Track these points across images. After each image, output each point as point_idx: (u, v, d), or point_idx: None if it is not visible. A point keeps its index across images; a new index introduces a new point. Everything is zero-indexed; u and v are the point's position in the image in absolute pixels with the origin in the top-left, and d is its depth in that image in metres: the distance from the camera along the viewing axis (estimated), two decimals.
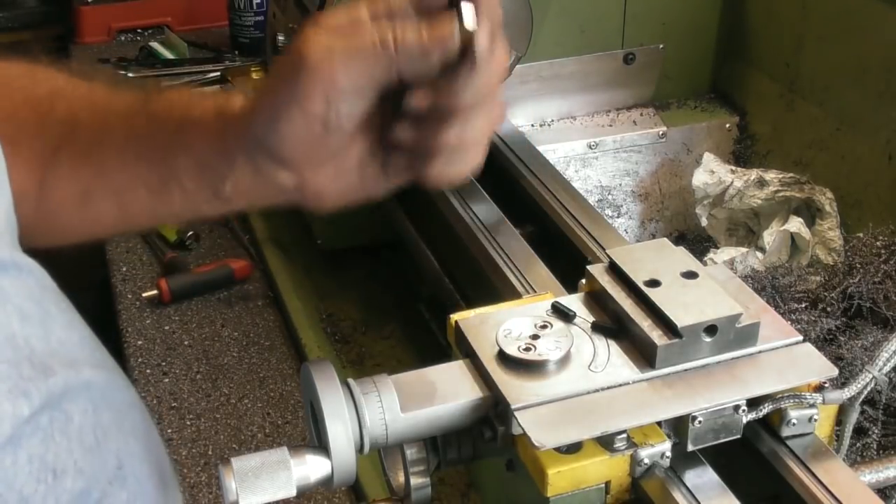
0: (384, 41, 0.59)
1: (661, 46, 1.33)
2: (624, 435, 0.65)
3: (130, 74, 1.94)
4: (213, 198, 0.71)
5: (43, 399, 0.54)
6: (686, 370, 0.67)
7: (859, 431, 0.85)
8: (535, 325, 0.70)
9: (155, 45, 2.06)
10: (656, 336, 0.67)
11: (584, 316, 0.72)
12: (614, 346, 0.69)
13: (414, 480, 0.69)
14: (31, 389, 0.53)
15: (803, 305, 1.00)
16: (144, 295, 1.31)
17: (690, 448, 0.66)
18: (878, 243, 1.03)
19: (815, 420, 0.68)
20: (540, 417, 0.64)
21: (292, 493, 0.64)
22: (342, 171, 0.68)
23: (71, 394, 0.57)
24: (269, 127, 0.65)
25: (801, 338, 0.70)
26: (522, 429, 0.63)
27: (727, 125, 1.38)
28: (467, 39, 0.60)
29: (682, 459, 0.67)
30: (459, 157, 0.65)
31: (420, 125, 0.64)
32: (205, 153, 0.69)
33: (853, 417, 0.77)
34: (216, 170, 0.69)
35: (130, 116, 0.74)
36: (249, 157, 0.67)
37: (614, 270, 0.73)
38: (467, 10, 0.59)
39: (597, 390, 0.66)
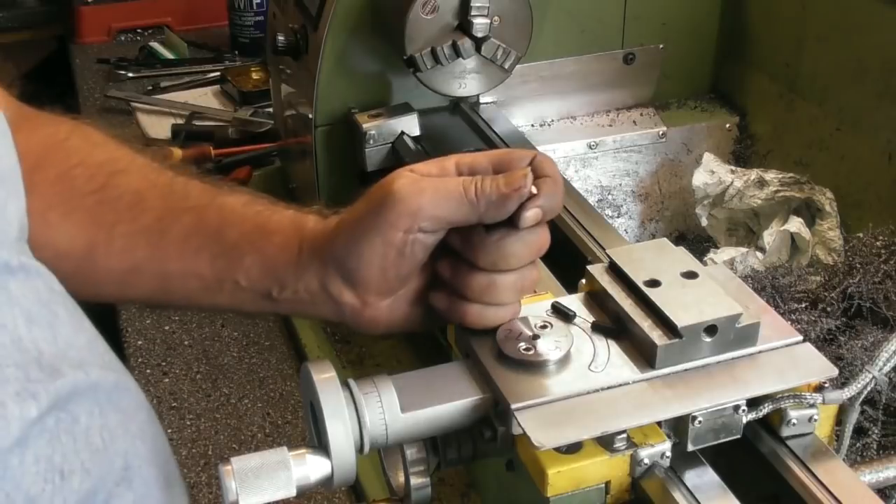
0: (467, 188, 0.67)
1: (661, 46, 1.33)
2: (624, 435, 0.65)
3: (130, 74, 1.95)
4: (263, 300, 0.75)
5: (51, 400, 0.54)
6: (686, 370, 0.67)
7: (859, 431, 0.85)
8: (535, 325, 0.70)
9: (155, 45, 2.06)
10: (656, 336, 0.67)
11: (584, 316, 0.72)
12: (614, 346, 0.69)
13: (414, 480, 0.69)
14: (39, 391, 0.54)
15: (803, 305, 1.00)
16: None
17: (690, 448, 0.66)
18: (878, 243, 1.03)
19: (815, 420, 0.68)
20: (540, 417, 0.64)
21: (292, 493, 0.64)
22: (400, 303, 0.73)
23: (78, 395, 0.57)
24: (350, 249, 0.69)
25: (801, 338, 0.70)
26: (522, 429, 0.63)
27: (727, 125, 1.38)
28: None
29: (682, 459, 0.67)
30: (493, 307, 0.70)
31: (456, 269, 0.70)
32: (275, 260, 0.73)
33: (853, 417, 0.77)
34: (280, 277, 0.73)
35: (201, 209, 0.75)
36: (320, 272, 0.71)
37: (614, 270, 0.73)
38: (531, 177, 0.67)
39: (597, 390, 0.66)
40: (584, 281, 0.76)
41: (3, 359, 0.53)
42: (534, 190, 0.67)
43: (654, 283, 0.70)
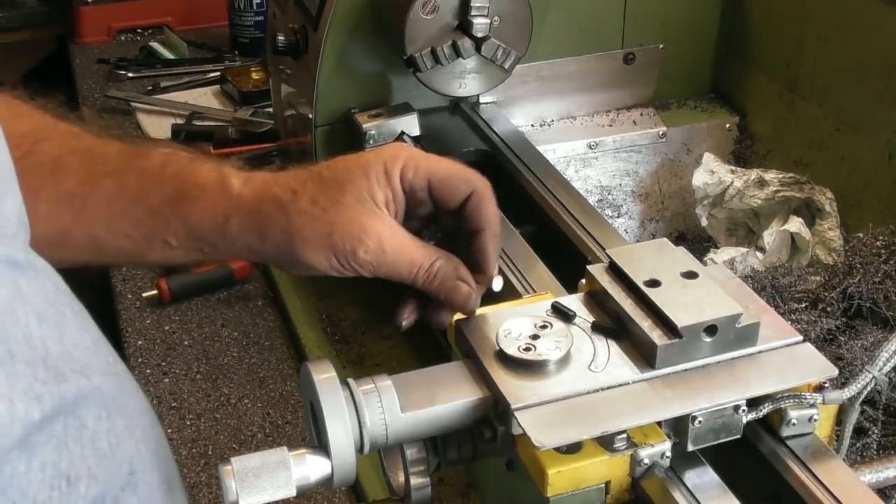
0: (419, 274, 0.72)
1: (661, 46, 1.33)
2: (624, 435, 0.65)
3: (130, 74, 1.94)
4: (196, 255, 0.77)
5: (55, 405, 0.54)
6: (686, 370, 0.67)
7: (859, 431, 0.85)
8: (535, 325, 0.70)
9: (155, 45, 2.06)
10: (656, 336, 0.67)
11: (584, 316, 0.72)
12: (614, 346, 0.69)
13: (414, 480, 0.69)
14: (43, 394, 0.53)
15: (803, 305, 1.00)
16: (144, 295, 1.31)
17: (690, 448, 0.66)
18: (878, 243, 1.03)
19: (815, 420, 0.68)
20: (540, 417, 0.64)
21: (292, 493, 0.64)
22: None
23: (84, 400, 0.57)
24: (296, 258, 0.72)
25: (801, 338, 0.70)
26: (522, 429, 0.63)
27: (727, 125, 1.38)
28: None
29: (682, 459, 0.67)
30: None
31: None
32: (200, 225, 0.74)
33: (853, 417, 0.77)
34: (208, 239, 0.74)
35: (120, 173, 0.76)
36: (256, 243, 0.73)
37: (614, 270, 0.73)
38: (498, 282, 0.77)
39: (597, 390, 0.66)
40: (584, 281, 0.76)
41: (17, 353, 0.53)
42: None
43: (654, 283, 0.70)
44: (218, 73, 1.91)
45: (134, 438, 0.61)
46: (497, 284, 0.77)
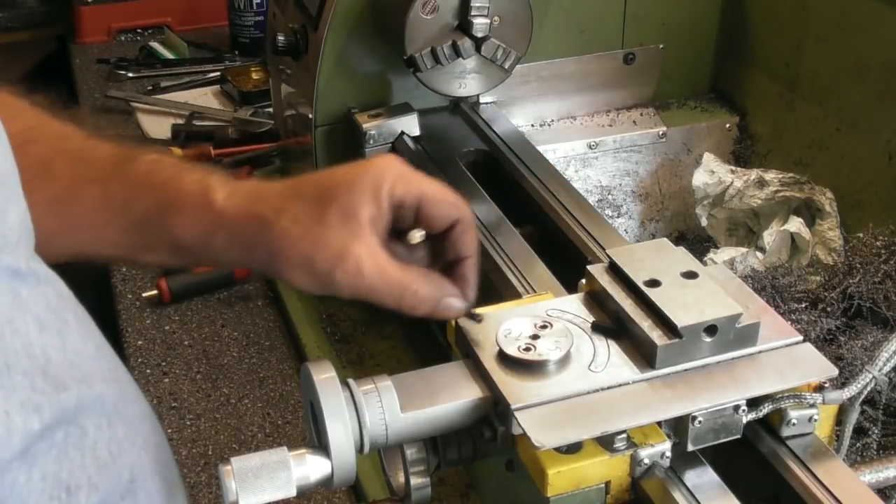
0: (403, 299, 0.71)
1: (661, 46, 1.33)
2: (624, 435, 0.65)
3: (130, 74, 1.94)
4: (183, 262, 0.79)
5: (55, 415, 0.54)
6: (686, 370, 0.67)
7: (859, 431, 0.85)
8: (535, 325, 0.70)
9: (155, 45, 2.06)
10: (656, 336, 0.67)
11: (584, 316, 0.72)
12: (614, 346, 0.69)
13: (414, 480, 0.69)
14: (42, 404, 0.53)
15: (803, 305, 1.00)
16: (144, 295, 1.31)
17: (690, 448, 0.66)
18: (878, 243, 1.03)
19: (815, 420, 0.68)
20: (540, 417, 0.64)
21: (292, 493, 0.64)
22: None
23: (85, 408, 0.57)
24: (282, 273, 0.72)
25: (801, 338, 0.70)
26: (522, 429, 0.63)
27: (727, 125, 1.38)
28: None
29: (682, 459, 0.67)
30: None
31: None
32: (184, 239, 0.74)
33: (853, 417, 0.77)
34: (192, 251, 0.75)
35: (106, 180, 0.76)
36: (241, 256, 0.74)
37: (614, 270, 0.73)
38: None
39: (597, 390, 0.66)
40: (584, 281, 0.76)
41: (14, 365, 0.53)
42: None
43: (654, 283, 0.70)
44: (218, 73, 1.91)
45: (135, 446, 0.61)
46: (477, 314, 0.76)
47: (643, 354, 0.68)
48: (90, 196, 0.76)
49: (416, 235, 0.73)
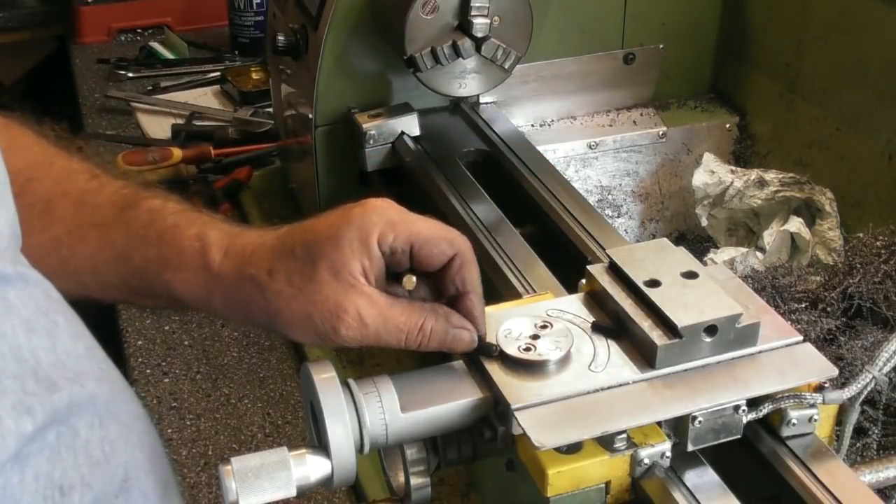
0: (410, 338, 0.70)
1: (661, 46, 1.33)
2: (624, 435, 0.65)
3: (130, 74, 1.94)
4: (176, 308, 0.80)
5: (47, 416, 0.54)
6: (686, 370, 0.67)
7: (859, 431, 0.85)
8: (535, 325, 0.70)
9: (155, 45, 2.05)
10: (656, 336, 0.67)
11: (584, 316, 0.72)
12: (614, 346, 0.69)
13: (414, 480, 0.69)
14: (34, 406, 0.53)
15: (803, 305, 1.00)
16: None
17: (690, 448, 0.66)
18: (878, 243, 1.03)
19: (815, 420, 0.68)
20: (540, 417, 0.64)
21: (292, 493, 0.64)
22: None
23: (77, 408, 0.57)
24: (282, 328, 0.72)
25: (801, 338, 0.70)
26: (522, 429, 0.63)
27: (727, 125, 1.38)
28: None
29: (682, 459, 0.67)
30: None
31: None
32: (184, 296, 0.74)
33: (853, 417, 0.77)
34: (194, 306, 0.76)
35: (107, 226, 0.76)
36: (238, 316, 0.74)
37: (614, 270, 0.73)
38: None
39: (597, 390, 0.66)
40: (584, 281, 0.76)
41: (3, 369, 0.53)
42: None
43: (654, 283, 0.70)
44: (218, 73, 1.91)
45: (129, 444, 0.61)
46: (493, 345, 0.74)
47: (643, 354, 0.68)
48: (91, 242, 0.76)
49: (410, 281, 0.72)
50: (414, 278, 0.71)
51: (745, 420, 0.67)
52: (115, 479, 0.59)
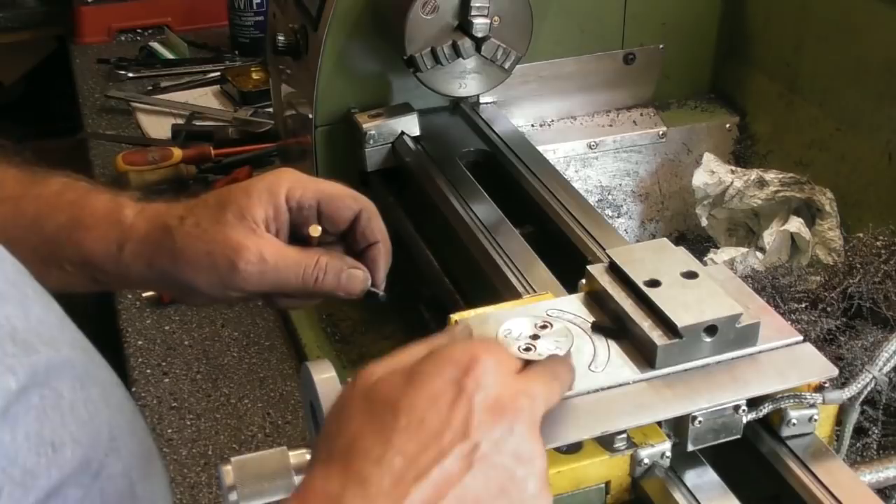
0: (306, 274, 0.76)
1: (661, 46, 1.33)
2: (624, 435, 0.65)
3: (130, 74, 1.95)
4: (90, 283, 0.81)
5: (28, 375, 0.55)
6: (686, 370, 0.67)
7: (859, 431, 0.85)
8: (535, 325, 0.70)
9: (155, 45, 2.06)
10: (656, 336, 0.67)
11: (584, 316, 0.72)
12: (614, 346, 0.69)
13: None
14: (15, 365, 0.55)
15: (803, 305, 1.00)
16: (144, 295, 1.31)
17: (690, 448, 0.66)
18: (878, 243, 1.03)
19: (815, 420, 0.68)
20: None
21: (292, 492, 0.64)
22: None
23: (56, 371, 0.58)
24: (183, 287, 0.78)
25: (801, 338, 0.70)
26: None
27: (727, 125, 1.38)
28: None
29: (682, 459, 0.67)
30: None
31: None
32: (92, 253, 0.78)
33: (853, 417, 0.77)
34: (100, 267, 0.79)
35: (18, 198, 0.79)
36: (148, 273, 0.78)
37: (614, 270, 0.73)
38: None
39: (597, 390, 0.66)
40: (584, 281, 0.76)
41: None
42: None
43: (654, 283, 0.70)
44: (218, 73, 1.91)
45: (110, 407, 0.63)
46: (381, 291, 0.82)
47: (643, 354, 0.68)
48: (1, 214, 0.79)
49: (315, 229, 0.78)
50: (319, 228, 0.78)
51: (745, 420, 0.67)
52: (101, 438, 0.60)
